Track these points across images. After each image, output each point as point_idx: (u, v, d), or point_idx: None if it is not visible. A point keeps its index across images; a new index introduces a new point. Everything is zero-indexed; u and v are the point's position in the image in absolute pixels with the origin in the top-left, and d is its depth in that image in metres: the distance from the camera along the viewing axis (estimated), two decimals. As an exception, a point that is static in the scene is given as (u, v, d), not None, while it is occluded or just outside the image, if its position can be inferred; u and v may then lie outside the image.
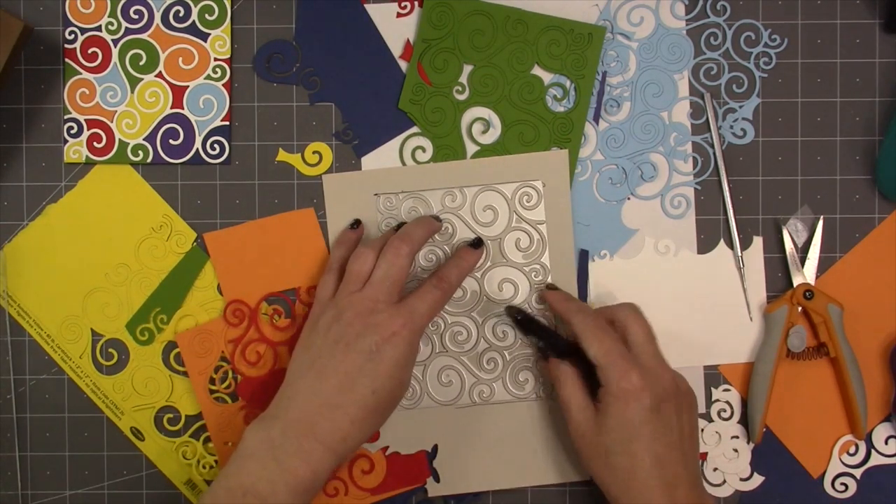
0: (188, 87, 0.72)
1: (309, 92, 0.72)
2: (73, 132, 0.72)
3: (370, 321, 0.63)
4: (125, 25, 0.72)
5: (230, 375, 0.72)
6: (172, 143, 0.72)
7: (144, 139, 0.72)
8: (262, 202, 0.72)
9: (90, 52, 0.72)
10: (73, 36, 0.72)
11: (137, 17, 0.72)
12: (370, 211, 0.72)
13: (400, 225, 0.71)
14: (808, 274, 0.71)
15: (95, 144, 0.72)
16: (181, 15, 0.72)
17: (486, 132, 0.72)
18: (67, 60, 0.72)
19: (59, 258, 0.72)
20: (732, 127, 0.72)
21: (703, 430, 0.72)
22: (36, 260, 0.72)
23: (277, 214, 0.72)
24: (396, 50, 0.72)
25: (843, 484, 0.72)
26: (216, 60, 0.72)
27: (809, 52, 0.72)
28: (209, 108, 0.72)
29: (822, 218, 0.71)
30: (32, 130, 0.72)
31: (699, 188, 0.72)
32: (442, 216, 0.71)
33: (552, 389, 0.71)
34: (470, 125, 0.72)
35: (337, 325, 0.64)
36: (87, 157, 0.72)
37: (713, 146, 0.72)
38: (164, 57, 0.72)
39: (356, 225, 0.71)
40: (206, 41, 0.72)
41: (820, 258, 0.71)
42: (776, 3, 0.72)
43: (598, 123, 0.72)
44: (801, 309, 0.70)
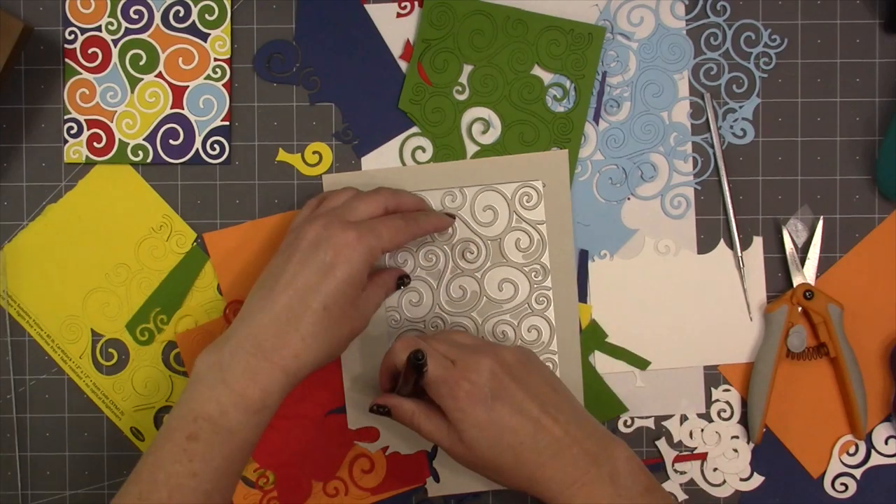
0: (188, 87, 0.72)
1: (309, 92, 0.72)
2: (73, 132, 0.72)
3: (325, 235, 0.62)
4: (125, 25, 0.72)
5: (230, 375, 0.72)
6: (172, 143, 0.72)
7: (144, 139, 0.72)
8: (262, 202, 0.72)
9: (90, 52, 0.72)
10: (73, 36, 0.72)
11: (137, 17, 0.72)
12: (370, 211, 0.71)
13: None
14: (808, 274, 0.71)
15: (95, 144, 0.72)
16: (181, 15, 0.72)
17: (486, 132, 0.72)
18: (67, 60, 0.72)
19: (59, 258, 0.72)
20: (732, 127, 0.72)
21: (703, 430, 0.72)
22: (36, 260, 0.72)
23: (277, 214, 0.72)
24: (396, 50, 0.72)
25: (843, 484, 0.72)
26: (216, 60, 0.72)
27: (809, 52, 0.72)
28: (209, 108, 0.72)
29: (822, 218, 0.71)
30: (32, 130, 0.72)
31: (699, 188, 0.72)
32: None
33: None
34: (470, 125, 0.72)
35: (295, 241, 0.63)
36: (87, 157, 0.72)
37: (713, 146, 0.72)
38: (164, 57, 0.72)
39: None
40: (206, 41, 0.72)
41: (820, 258, 0.71)
42: (776, 3, 0.72)
43: (598, 123, 0.72)
44: (801, 309, 0.70)
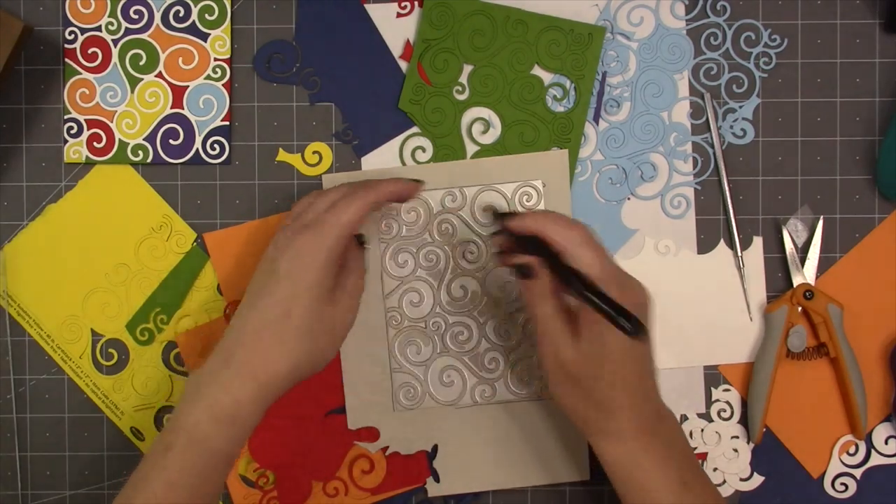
0: (188, 87, 0.72)
1: (309, 92, 0.72)
2: (73, 132, 0.72)
3: (281, 245, 0.62)
4: (125, 25, 0.72)
5: (230, 375, 0.72)
6: (172, 143, 0.72)
7: (144, 139, 0.72)
8: (262, 202, 0.72)
9: (90, 52, 0.72)
10: (73, 36, 0.72)
11: (137, 17, 0.72)
12: (370, 211, 0.71)
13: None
14: (808, 274, 0.71)
15: (95, 144, 0.72)
16: (181, 15, 0.72)
17: (486, 132, 0.72)
18: (67, 60, 0.72)
19: (58, 258, 0.72)
20: (732, 127, 0.72)
21: (703, 430, 0.72)
22: (36, 260, 0.72)
23: (277, 214, 0.72)
24: (396, 50, 0.72)
25: (843, 484, 0.72)
26: (216, 60, 0.72)
27: (809, 52, 0.72)
28: (209, 108, 0.72)
29: (822, 218, 0.71)
30: (32, 130, 0.72)
31: (699, 188, 0.72)
32: (442, 216, 0.71)
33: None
34: (470, 125, 0.72)
35: (263, 255, 0.63)
36: (87, 157, 0.72)
37: (713, 146, 0.72)
38: (164, 57, 0.72)
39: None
40: (206, 41, 0.72)
41: (820, 258, 0.71)
42: (776, 3, 0.72)
43: (598, 123, 0.72)
44: (801, 309, 0.70)
